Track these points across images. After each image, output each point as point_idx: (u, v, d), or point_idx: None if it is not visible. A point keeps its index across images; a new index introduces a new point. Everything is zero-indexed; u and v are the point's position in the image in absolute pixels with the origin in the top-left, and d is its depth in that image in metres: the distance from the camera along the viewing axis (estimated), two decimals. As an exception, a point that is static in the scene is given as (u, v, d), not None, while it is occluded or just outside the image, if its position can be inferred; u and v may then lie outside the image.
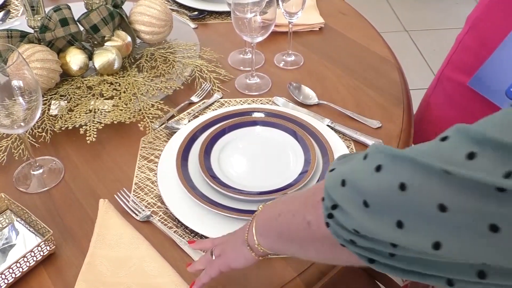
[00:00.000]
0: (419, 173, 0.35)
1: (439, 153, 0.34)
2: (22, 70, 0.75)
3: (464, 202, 0.32)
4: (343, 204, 0.41)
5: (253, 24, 0.98)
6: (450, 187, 0.33)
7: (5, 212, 0.78)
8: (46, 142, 0.90)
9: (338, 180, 0.42)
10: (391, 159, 0.37)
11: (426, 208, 0.34)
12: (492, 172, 0.31)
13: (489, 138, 0.32)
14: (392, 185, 0.36)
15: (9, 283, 0.68)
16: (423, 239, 0.35)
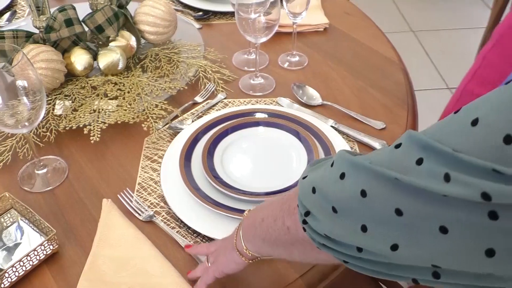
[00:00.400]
0: (375, 181, 0.37)
1: (393, 160, 0.36)
2: (27, 70, 0.75)
3: (416, 206, 0.34)
4: (314, 211, 0.44)
5: (257, 25, 0.98)
6: (402, 192, 0.35)
7: (10, 211, 0.78)
8: (50, 142, 0.91)
9: (310, 187, 0.44)
10: (353, 167, 0.40)
11: (385, 213, 0.36)
12: (435, 177, 0.33)
13: (431, 145, 0.34)
14: (355, 191, 0.38)
15: (13, 281, 0.68)
16: (382, 242, 0.37)
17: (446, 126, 0.35)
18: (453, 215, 0.32)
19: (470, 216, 0.32)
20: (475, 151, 0.31)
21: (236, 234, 0.60)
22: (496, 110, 0.32)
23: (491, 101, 0.32)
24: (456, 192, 0.31)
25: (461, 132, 0.33)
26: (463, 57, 2.57)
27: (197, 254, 0.70)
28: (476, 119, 0.32)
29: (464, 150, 0.32)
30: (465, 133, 0.32)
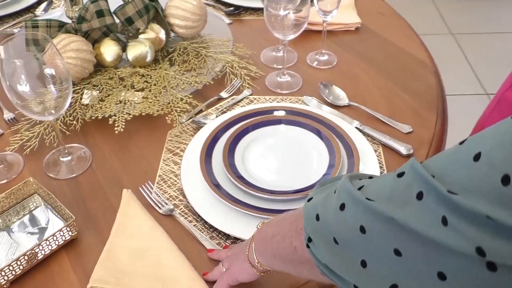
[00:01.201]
0: (373, 218, 0.36)
1: (394, 191, 0.35)
2: (55, 59, 0.76)
3: (414, 248, 0.33)
4: (315, 239, 0.43)
5: (286, 22, 0.97)
6: (400, 233, 0.34)
7: (33, 195, 0.80)
8: (76, 130, 0.92)
9: (314, 213, 0.43)
10: (352, 200, 0.39)
11: (384, 251, 0.35)
12: (433, 219, 0.31)
13: (431, 183, 0.32)
14: (354, 226, 0.37)
15: (32, 264, 0.70)
16: (382, 281, 0.36)
17: (450, 158, 0.33)
18: (451, 262, 0.31)
19: (468, 266, 0.30)
20: (474, 190, 0.30)
21: (249, 246, 0.58)
22: (499, 146, 0.29)
23: (497, 134, 0.30)
24: (452, 242, 0.30)
25: (463, 167, 0.31)
26: (505, 63, 2.49)
27: (219, 259, 0.69)
28: (478, 153, 0.31)
29: (464, 187, 0.30)
30: (467, 169, 0.31)
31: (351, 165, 0.81)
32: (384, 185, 0.37)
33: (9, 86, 0.75)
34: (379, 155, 0.86)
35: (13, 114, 0.98)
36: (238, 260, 0.60)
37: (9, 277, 0.68)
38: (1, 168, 0.87)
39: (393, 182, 0.36)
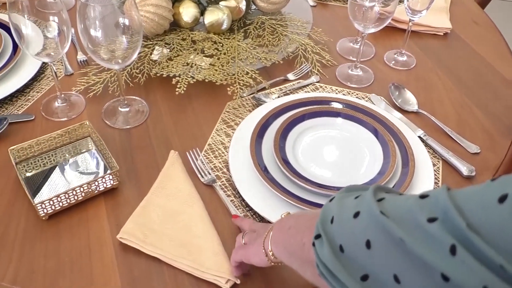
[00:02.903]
0: (382, 235, 0.35)
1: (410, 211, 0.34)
2: (131, 11, 0.77)
3: (414, 278, 0.32)
4: (323, 239, 0.41)
5: (370, 14, 0.93)
6: (403, 257, 0.33)
7: (87, 138, 0.83)
8: (139, 84, 0.94)
9: (330, 215, 0.42)
10: (367, 210, 0.37)
11: (384, 274, 0.34)
12: (441, 245, 0.30)
13: (450, 211, 0.30)
14: (361, 239, 0.36)
15: (71, 203, 0.72)
16: None
17: (477, 194, 0.31)
18: None
19: None
20: (493, 233, 0.28)
21: (267, 233, 0.57)
22: None
23: None
24: (459, 275, 0.28)
25: (487, 207, 0.29)
26: None
27: (241, 227, 0.69)
28: (505, 195, 0.28)
29: (483, 228, 0.28)
30: (490, 209, 0.29)
31: (404, 174, 0.76)
32: (405, 203, 0.35)
33: (83, 29, 0.77)
34: (437, 170, 0.81)
35: (85, 57, 1.01)
36: (255, 242, 0.59)
37: (48, 211, 0.70)
38: (63, 106, 0.90)
39: (413, 202, 0.34)
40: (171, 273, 0.65)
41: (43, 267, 0.65)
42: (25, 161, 0.78)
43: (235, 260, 0.62)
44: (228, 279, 0.63)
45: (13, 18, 0.77)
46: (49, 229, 0.70)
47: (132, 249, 0.67)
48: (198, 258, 0.66)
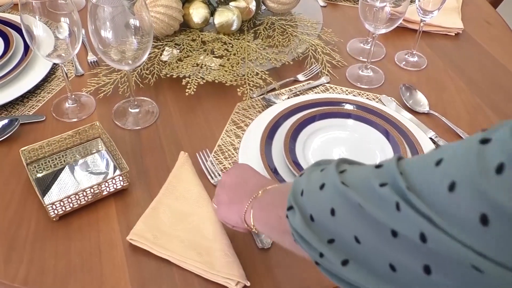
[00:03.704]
0: (343, 202, 0.39)
1: (365, 182, 0.38)
2: (142, 12, 0.77)
3: (372, 239, 0.36)
4: (295, 209, 0.45)
5: (381, 14, 0.92)
6: (362, 221, 0.37)
7: (97, 139, 0.83)
8: (149, 85, 0.94)
9: (300, 189, 0.46)
10: (331, 181, 0.42)
11: (347, 237, 0.38)
12: (388, 204, 0.34)
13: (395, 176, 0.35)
14: (326, 208, 0.41)
15: (81, 204, 0.72)
16: (339, 256, 0.39)
17: (420, 159, 0.36)
18: (399, 257, 0.34)
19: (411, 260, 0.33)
20: (427, 191, 0.32)
21: (247, 209, 0.59)
22: (454, 157, 0.32)
23: (459, 143, 0.33)
24: (402, 227, 0.33)
25: (424, 170, 0.34)
26: None
27: None
28: (441, 159, 0.33)
29: (419, 187, 0.33)
30: (427, 171, 0.33)
31: (416, 177, 0.76)
32: (362, 173, 0.40)
33: (94, 30, 0.77)
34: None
35: (96, 58, 1.02)
36: (230, 211, 0.63)
37: (59, 212, 0.71)
38: (74, 107, 0.90)
39: (369, 172, 0.39)
40: (181, 275, 0.65)
41: (53, 268, 0.66)
42: (36, 162, 0.78)
43: None
44: (238, 281, 0.63)
45: (25, 19, 0.78)
46: (60, 230, 0.70)
47: (142, 250, 0.67)
48: (208, 260, 0.65)
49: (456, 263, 0.30)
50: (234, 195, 0.63)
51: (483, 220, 0.28)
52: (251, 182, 0.63)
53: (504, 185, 0.27)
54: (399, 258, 0.34)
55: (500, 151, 0.28)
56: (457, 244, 0.30)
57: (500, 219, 0.28)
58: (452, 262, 0.30)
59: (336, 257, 0.39)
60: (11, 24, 1.05)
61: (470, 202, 0.29)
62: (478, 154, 0.30)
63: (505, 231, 0.28)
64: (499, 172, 0.28)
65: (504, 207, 0.27)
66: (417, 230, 0.32)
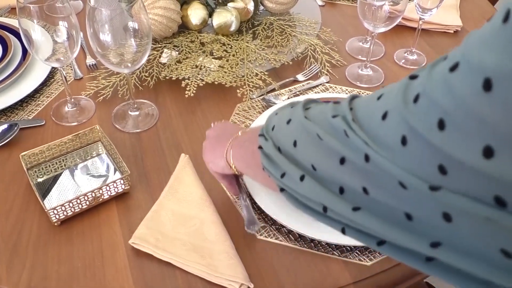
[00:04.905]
0: (305, 135, 0.45)
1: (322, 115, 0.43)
2: (140, 15, 0.77)
3: (324, 164, 0.42)
4: (268, 138, 0.51)
5: (379, 13, 0.92)
6: (317, 148, 0.42)
7: (97, 143, 0.83)
8: (149, 87, 0.94)
9: (271, 124, 0.52)
10: (296, 116, 0.47)
11: (306, 165, 0.44)
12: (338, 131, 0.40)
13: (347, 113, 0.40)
14: (290, 140, 0.46)
15: (83, 208, 0.72)
16: (297, 173, 0.45)
17: (370, 96, 0.39)
18: (346, 180, 0.39)
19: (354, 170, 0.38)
20: (366, 122, 0.37)
21: (227, 150, 0.64)
22: (390, 91, 0.36)
23: (394, 84, 0.37)
24: (349, 152, 0.38)
25: (369, 104, 0.38)
26: None
27: None
28: (381, 95, 0.37)
29: (360, 119, 0.38)
30: (371, 105, 0.38)
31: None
32: (323, 109, 0.44)
33: (93, 34, 0.77)
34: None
35: (95, 61, 1.01)
36: (216, 156, 0.67)
37: (60, 217, 0.70)
38: (73, 111, 0.90)
39: (328, 107, 0.43)
40: (184, 278, 0.65)
41: (56, 272, 0.65)
42: (36, 167, 0.78)
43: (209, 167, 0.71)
44: (242, 283, 0.63)
45: (23, 23, 0.78)
46: (62, 234, 0.70)
47: (145, 254, 0.67)
48: (211, 263, 0.65)
49: (388, 180, 0.35)
50: (217, 142, 0.68)
51: (403, 141, 0.33)
52: (232, 129, 0.70)
53: (418, 111, 0.32)
54: (346, 181, 0.39)
55: (419, 84, 0.33)
56: (387, 163, 0.34)
57: (415, 140, 0.32)
58: (385, 179, 0.35)
59: (296, 174, 0.45)
60: (8, 28, 1.04)
61: (395, 127, 0.34)
62: (406, 87, 0.34)
63: (420, 149, 0.32)
64: (415, 101, 0.32)
65: (417, 130, 0.32)
66: (362, 152, 0.36)
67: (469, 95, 0.28)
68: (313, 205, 0.44)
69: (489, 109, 0.27)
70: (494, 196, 0.29)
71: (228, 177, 0.72)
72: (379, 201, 0.36)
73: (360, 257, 0.67)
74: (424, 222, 0.34)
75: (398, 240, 0.36)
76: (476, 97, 0.28)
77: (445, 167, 0.31)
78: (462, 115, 0.29)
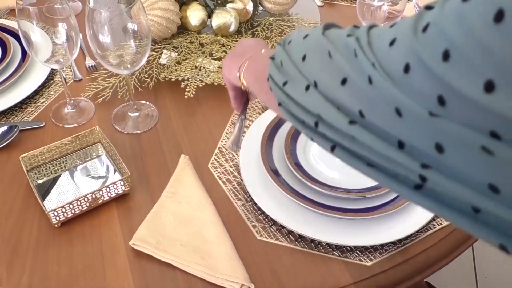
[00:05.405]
0: (316, 50, 0.44)
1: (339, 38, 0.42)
2: (140, 16, 0.77)
3: (326, 81, 0.42)
4: (281, 48, 0.50)
5: (378, 13, 0.92)
6: (326, 65, 0.42)
7: (97, 144, 0.83)
8: (148, 88, 0.94)
9: (289, 39, 0.51)
10: (313, 35, 0.46)
11: (310, 80, 0.44)
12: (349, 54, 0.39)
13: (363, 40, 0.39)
14: (301, 53, 0.46)
15: (83, 210, 0.72)
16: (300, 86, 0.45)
17: (387, 24, 0.38)
18: (345, 100, 0.39)
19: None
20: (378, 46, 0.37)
21: (248, 57, 0.64)
22: (404, 21, 0.36)
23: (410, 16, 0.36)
24: (353, 72, 0.38)
25: (383, 32, 0.37)
26: None
27: None
28: (395, 23, 0.37)
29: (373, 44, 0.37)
30: (385, 33, 0.37)
31: (417, 175, 0.76)
32: (342, 30, 0.44)
33: (92, 35, 0.77)
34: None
35: (94, 62, 1.01)
36: (233, 63, 0.67)
37: (61, 218, 0.70)
38: (73, 112, 0.90)
39: (347, 29, 0.43)
40: (185, 279, 0.65)
41: (56, 274, 0.65)
42: (36, 168, 0.78)
43: (224, 76, 0.70)
44: (242, 284, 0.63)
45: (22, 25, 0.78)
46: (62, 236, 0.70)
47: (145, 255, 0.67)
48: (211, 263, 0.65)
49: (385, 105, 0.35)
50: (240, 53, 0.68)
51: (406, 69, 0.33)
52: (259, 46, 0.69)
53: (425, 40, 0.32)
54: (345, 101, 0.40)
55: (431, 14, 0.33)
56: (390, 87, 0.34)
57: (418, 68, 0.32)
58: (383, 105, 0.35)
59: (302, 83, 0.45)
60: (7, 30, 1.04)
61: (400, 54, 0.34)
62: (419, 16, 0.34)
63: (421, 79, 0.32)
64: (424, 31, 0.32)
65: (421, 58, 0.32)
66: (366, 73, 0.36)
67: (479, 25, 0.28)
68: (307, 118, 0.44)
69: (497, 41, 0.27)
70: (490, 131, 0.29)
71: (237, 90, 0.71)
72: (375, 124, 0.37)
73: (361, 258, 0.67)
74: (416, 152, 0.34)
75: (389, 161, 0.37)
76: (486, 28, 0.28)
77: (445, 98, 0.31)
78: (468, 47, 0.29)
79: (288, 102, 0.47)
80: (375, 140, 0.37)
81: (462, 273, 1.62)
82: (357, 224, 0.71)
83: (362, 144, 0.39)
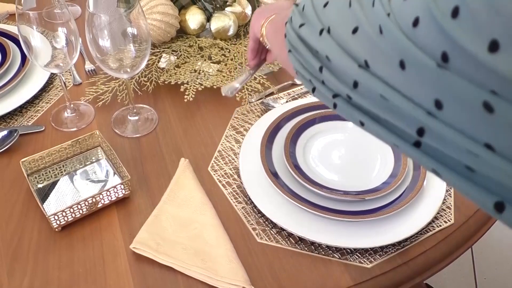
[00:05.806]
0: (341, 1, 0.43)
1: None
2: (139, 20, 0.78)
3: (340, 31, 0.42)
4: (301, 3, 0.50)
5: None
6: (344, 14, 0.41)
7: (97, 148, 0.83)
8: (148, 92, 0.94)
9: None
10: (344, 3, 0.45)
11: (324, 25, 0.44)
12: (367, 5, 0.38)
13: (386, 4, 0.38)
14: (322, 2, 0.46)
15: (83, 213, 0.72)
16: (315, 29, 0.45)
17: None
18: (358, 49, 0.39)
19: None
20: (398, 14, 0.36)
21: (275, 14, 0.66)
22: None
23: None
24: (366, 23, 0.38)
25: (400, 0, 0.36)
26: None
27: None
28: None
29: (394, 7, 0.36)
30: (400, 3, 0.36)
31: (416, 177, 0.76)
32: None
33: (92, 39, 0.77)
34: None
35: (94, 66, 1.02)
36: (260, 17, 0.69)
37: (61, 222, 0.71)
38: (73, 116, 0.90)
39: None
40: (186, 282, 0.65)
41: (57, 278, 0.66)
42: (36, 173, 0.78)
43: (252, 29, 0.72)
44: (243, 287, 0.63)
45: (22, 29, 0.78)
46: (62, 240, 0.70)
47: (146, 258, 0.67)
48: (212, 266, 0.65)
49: (391, 55, 0.35)
50: (271, 8, 0.69)
51: (414, 23, 0.33)
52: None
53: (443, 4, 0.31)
54: (353, 50, 0.40)
55: None
56: (399, 36, 0.34)
57: (427, 23, 0.32)
58: (389, 54, 0.35)
59: (317, 27, 0.45)
60: (7, 35, 1.05)
61: (411, 9, 0.34)
62: None
63: (428, 34, 0.32)
64: None
65: (431, 13, 0.32)
66: (378, 23, 0.36)
67: None
68: (314, 62, 0.45)
69: (505, 1, 0.27)
70: (490, 91, 0.30)
71: (256, 42, 0.73)
72: (378, 75, 0.38)
73: (361, 260, 0.68)
74: None
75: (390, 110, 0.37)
76: None
77: (448, 55, 0.31)
78: (478, 4, 0.29)
79: (298, 46, 0.48)
80: (382, 85, 0.37)
81: (461, 275, 1.62)
82: (357, 226, 0.71)
83: (363, 94, 0.39)
